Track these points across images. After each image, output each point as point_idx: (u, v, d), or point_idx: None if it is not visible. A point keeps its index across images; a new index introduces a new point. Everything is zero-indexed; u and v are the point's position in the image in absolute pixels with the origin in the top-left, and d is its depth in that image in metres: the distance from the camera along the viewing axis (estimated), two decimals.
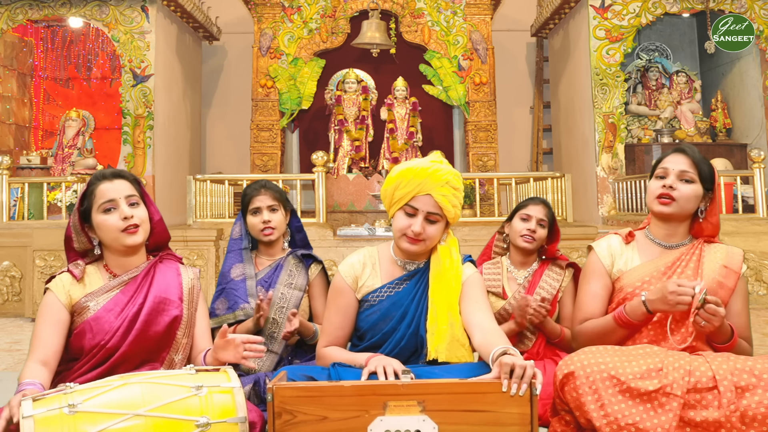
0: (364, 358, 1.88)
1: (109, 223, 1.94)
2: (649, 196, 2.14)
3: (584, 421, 1.80)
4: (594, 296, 2.16)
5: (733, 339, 1.99)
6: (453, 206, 2.00)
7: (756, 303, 5.35)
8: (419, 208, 1.98)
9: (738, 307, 2.09)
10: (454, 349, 1.95)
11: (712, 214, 2.13)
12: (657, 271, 2.10)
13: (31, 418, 1.49)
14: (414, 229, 1.98)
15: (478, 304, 2.00)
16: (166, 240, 2.13)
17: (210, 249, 5.36)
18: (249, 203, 2.57)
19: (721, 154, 6.97)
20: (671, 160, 2.12)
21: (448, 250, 2.06)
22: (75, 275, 1.97)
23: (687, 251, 2.12)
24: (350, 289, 2.09)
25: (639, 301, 2.00)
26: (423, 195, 1.97)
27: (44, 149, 7.54)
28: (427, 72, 7.64)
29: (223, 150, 8.58)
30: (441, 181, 1.97)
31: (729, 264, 2.09)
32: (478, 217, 5.93)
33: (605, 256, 2.18)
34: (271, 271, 2.55)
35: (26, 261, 5.28)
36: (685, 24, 8.06)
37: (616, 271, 2.16)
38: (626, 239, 2.19)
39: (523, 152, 8.75)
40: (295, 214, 2.67)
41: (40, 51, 7.86)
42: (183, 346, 2.01)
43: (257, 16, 7.62)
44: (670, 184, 2.08)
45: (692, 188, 2.08)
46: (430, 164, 2.00)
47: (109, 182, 1.98)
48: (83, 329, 1.93)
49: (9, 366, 3.54)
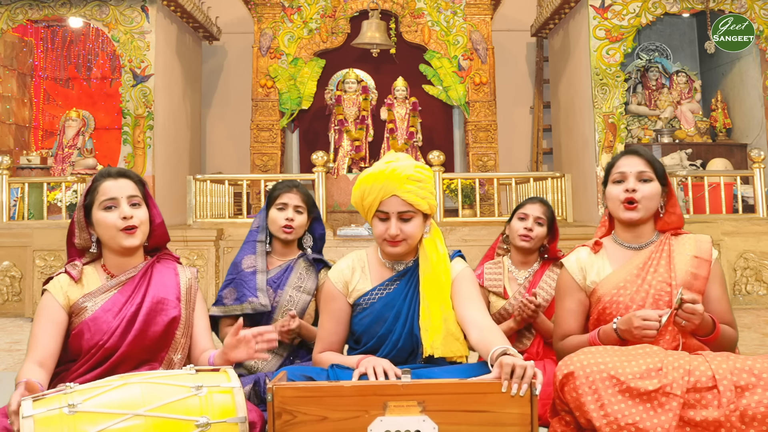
0: (356, 361, 1.88)
1: (108, 221, 1.94)
2: (611, 202, 2.14)
3: (584, 421, 1.80)
4: (570, 313, 2.18)
5: (716, 330, 1.99)
6: (422, 198, 1.98)
7: (756, 303, 5.35)
8: (389, 211, 1.97)
9: (717, 294, 2.10)
10: (449, 343, 1.95)
11: (673, 206, 2.16)
12: (630, 274, 2.10)
13: (31, 418, 1.49)
14: (390, 233, 1.97)
15: (471, 300, 1.99)
16: (165, 242, 2.13)
17: (210, 249, 5.36)
18: (277, 198, 2.55)
19: (721, 154, 6.97)
20: (626, 162, 2.14)
21: (433, 242, 2.04)
22: (73, 276, 1.97)
23: (656, 249, 2.13)
24: (341, 295, 2.09)
25: (611, 328, 2.01)
26: (388, 197, 1.96)
27: (44, 149, 7.54)
28: (427, 72, 7.64)
29: (223, 150, 8.58)
30: (401, 179, 1.95)
31: (699, 254, 2.10)
32: (478, 217, 5.93)
33: (575, 270, 2.19)
34: (282, 271, 2.54)
35: (26, 261, 5.28)
36: (685, 24, 8.06)
37: (589, 283, 2.16)
38: (594, 249, 2.20)
39: (523, 152, 8.75)
40: (320, 221, 2.66)
41: (40, 51, 7.86)
42: (182, 345, 2.01)
43: (257, 16, 7.62)
44: (632, 186, 2.09)
45: (652, 186, 2.11)
46: (386, 165, 1.99)
47: (113, 180, 1.98)
48: (81, 330, 1.93)
49: (9, 366, 3.54)
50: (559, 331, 2.20)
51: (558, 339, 2.20)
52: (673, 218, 2.17)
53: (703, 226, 4.98)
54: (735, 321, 2.13)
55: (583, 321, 2.18)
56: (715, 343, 2.01)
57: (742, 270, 5.38)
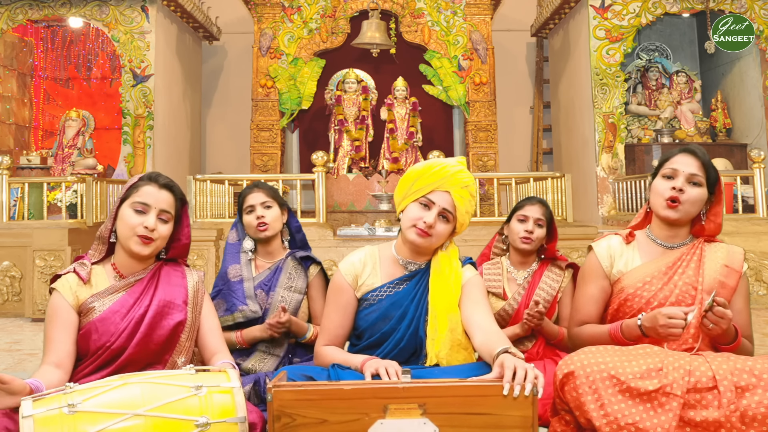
0: (359, 360, 1.88)
1: (130, 221, 1.95)
2: (656, 197, 2.09)
3: (584, 421, 1.80)
4: (591, 299, 2.15)
5: (738, 339, 1.98)
6: (466, 211, 2.02)
7: (756, 303, 5.35)
8: (436, 202, 1.99)
9: (740, 306, 2.08)
10: (455, 353, 1.95)
11: (716, 215, 2.12)
12: (658, 271, 2.09)
13: (31, 418, 1.49)
14: (426, 220, 1.98)
15: (479, 306, 1.99)
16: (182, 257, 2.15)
17: (210, 249, 5.36)
18: (243, 202, 2.60)
19: (721, 154, 6.96)
20: (681, 161, 2.08)
21: (449, 258, 2.06)
22: (82, 277, 1.97)
23: (688, 251, 2.11)
24: (350, 288, 2.09)
25: (635, 324, 1.98)
26: (442, 191, 1.99)
27: (44, 149, 7.54)
28: (427, 72, 7.64)
29: (223, 150, 8.58)
30: (462, 183, 2.00)
31: (730, 263, 2.09)
32: (478, 217, 5.93)
33: (605, 257, 2.17)
34: (271, 273, 2.55)
35: (26, 261, 5.27)
36: (685, 24, 8.06)
37: (615, 272, 2.15)
38: (627, 239, 2.18)
39: (523, 152, 8.75)
40: (293, 215, 2.69)
41: (40, 51, 7.86)
42: (186, 348, 2.01)
43: (257, 16, 7.62)
44: (680, 186, 2.05)
45: (699, 192, 2.06)
46: (456, 164, 2.04)
47: (155, 188, 1.99)
48: (89, 330, 1.93)
49: (9, 366, 3.54)
50: (576, 316, 2.16)
51: (575, 324, 2.16)
52: (711, 226, 2.13)
53: None
54: (753, 336, 2.12)
55: (602, 309, 2.14)
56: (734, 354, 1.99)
57: None
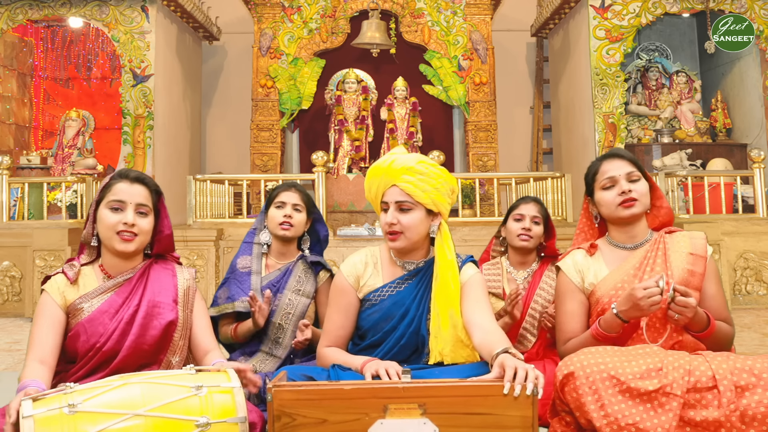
0: (360, 362, 1.88)
1: (108, 221, 1.94)
2: (607, 207, 2.13)
3: (584, 421, 1.80)
4: (573, 315, 2.16)
5: (711, 326, 1.99)
6: (423, 191, 1.99)
7: (756, 303, 5.35)
8: (388, 201, 2.01)
9: (712, 290, 2.10)
10: (459, 350, 1.95)
11: (659, 198, 2.18)
12: (627, 275, 2.10)
13: (31, 418, 1.49)
14: (386, 221, 2.00)
15: (479, 305, 1.99)
16: (170, 251, 2.13)
17: (210, 249, 5.36)
18: (276, 197, 2.57)
19: (721, 154, 6.97)
20: (612, 167, 2.14)
21: (442, 247, 2.04)
22: (69, 277, 1.96)
23: (651, 248, 2.13)
24: (352, 289, 2.09)
25: (612, 314, 1.99)
26: (389, 188, 2.01)
27: (44, 149, 7.54)
28: (427, 72, 7.64)
29: (223, 150, 8.57)
30: (401, 170, 1.99)
31: (695, 250, 2.11)
32: (478, 217, 5.93)
33: (573, 273, 2.18)
34: (280, 275, 2.53)
35: (26, 261, 5.27)
36: (685, 24, 8.06)
37: (587, 285, 2.16)
38: (589, 251, 2.19)
39: (523, 152, 8.75)
40: (322, 223, 2.67)
41: (40, 51, 7.86)
42: (180, 348, 2.00)
43: (257, 16, 7.62)
44: (627, 188, 2.10)
45: (643, 184, 2.13)
46: (389, 156, 2.04)
47: (127, 184, 1.98)
48: (77, 331, 1.92)
49: (9, 366, 3.54)
50: (562, 336, 2.17)
51: (562, 343, 2.17)
52: (662, 211, 2.18)
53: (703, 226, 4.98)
54: (731, 317, 2.13)
55: (585, 322, 2.16)
56: (711, 339, 2.00)
57: (742, 270, 5.38)
